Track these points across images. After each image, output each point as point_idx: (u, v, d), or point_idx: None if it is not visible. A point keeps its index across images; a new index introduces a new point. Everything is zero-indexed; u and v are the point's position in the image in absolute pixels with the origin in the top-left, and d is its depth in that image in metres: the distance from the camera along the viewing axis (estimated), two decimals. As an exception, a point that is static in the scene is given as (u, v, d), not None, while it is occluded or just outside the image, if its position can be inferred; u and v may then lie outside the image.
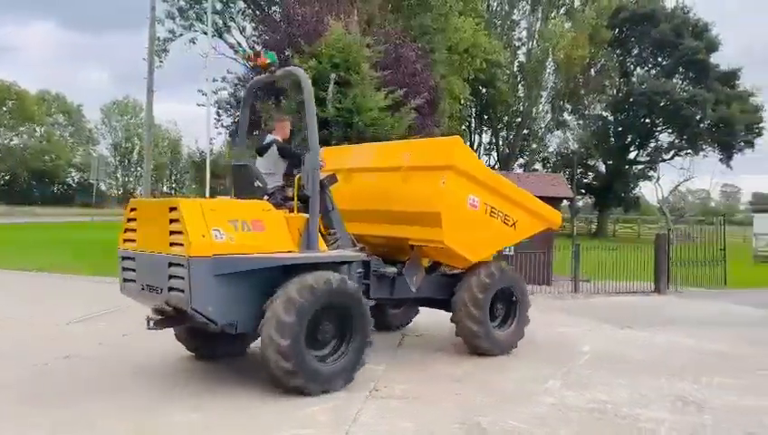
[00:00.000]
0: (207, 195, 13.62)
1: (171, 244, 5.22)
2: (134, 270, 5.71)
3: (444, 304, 7.11)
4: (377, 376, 6.02)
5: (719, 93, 35.64)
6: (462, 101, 26.13)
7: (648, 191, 76.21)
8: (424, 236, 6.65)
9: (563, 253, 13.95)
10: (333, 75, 14.16)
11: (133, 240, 5.77)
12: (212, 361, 6.34)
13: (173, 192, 69.49)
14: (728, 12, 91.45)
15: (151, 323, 5.57)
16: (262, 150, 6.52)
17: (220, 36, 21.77)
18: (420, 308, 8.12)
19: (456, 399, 5.42)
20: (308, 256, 5.64)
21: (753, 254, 27.53)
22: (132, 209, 5.92)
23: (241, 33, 21.41)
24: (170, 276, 5.21)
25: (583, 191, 43.25)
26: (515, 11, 36.98)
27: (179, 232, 5.14)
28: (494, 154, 42.71)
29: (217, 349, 6.36)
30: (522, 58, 37.78)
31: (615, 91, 40.10)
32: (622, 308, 10.87)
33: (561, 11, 36.93)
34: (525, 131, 40.31)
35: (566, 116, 41.59)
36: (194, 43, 23.50)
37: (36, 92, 70.84)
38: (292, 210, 5.89)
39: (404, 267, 6.82)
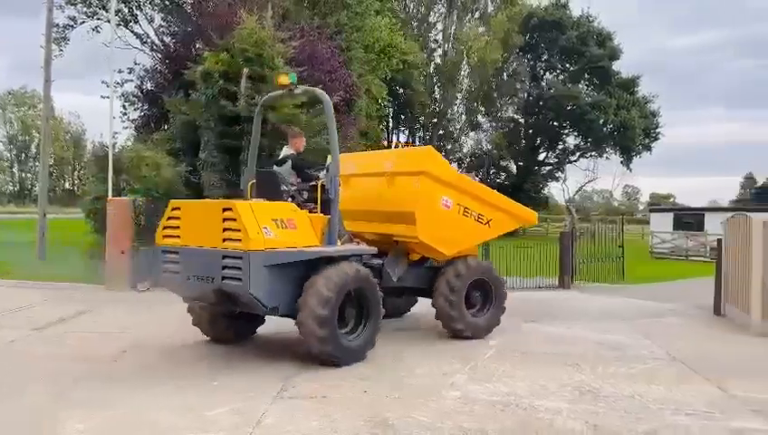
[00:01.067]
0: (110, 193, 12.92)
1: (224, 239, 5.98)
2: (178, 263, 6.36)
3: (426, 292, 7.95)
4: (286, 376, 5.95)
5: (620, 99, 37.77)
6: (379, 101, 26.25)
7: (556, 191, 79.60)
8: (403, 232, 7.54)
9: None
10: (246, 70, 13.83)
11: (177, 236, 6.43)
12: (225, 344, 7.18)
13: (76, 189, 65.68)
14: (628, 23, 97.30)
15: (195, 305, 6.96)
16: (280, 162, 7.51)
17: (126, 26, 20.73)
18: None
19: (365, 396, 5.42)
20: (337, 249, 6.61)
21: (650, 250, 29.40)
22: (175, 208, 6.58)
23: (149, 23, 20.48)
24: (224, 267, 5.92)
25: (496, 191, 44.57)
26: (431, 13, 37.61)
27: (237, 229, 5.91)
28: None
29: (233, 333, 7.28)
30: (438, 60, 38.48)
31: (526, 95, 41.62)
32: (529, 303, 11.25)
33: (476, 15, 37.93)
34: (441, 132, 41.08)
35: (480, 118, 42.75)
36: (98, 31, 22.26)
37: None
38: (310, 211, 6.76)
39: (386, 260, 7.63)
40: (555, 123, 40.93)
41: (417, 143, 42.63)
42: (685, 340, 8.21)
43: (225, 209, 6.09)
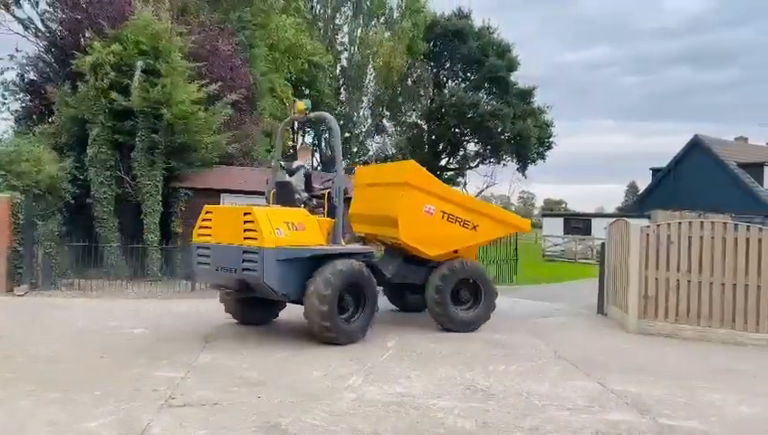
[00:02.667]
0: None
1: (245, 238, 7.24)
2: (209, 256, 7.74)
3: (421, 288, 8.91)
4: (175, 384, 5.68)
5: (517, 109, 39.43)
6: (284, 101, 25.85)
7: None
8: (391, 234, 8.61)
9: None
10: (140, 63, 13.21)
11: (209, 235, 7.77)
12: (251, 325, 8.55)
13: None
14: (526, 37, 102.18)
15: (223, 295, 8.39)
16: (292, 172, 8.84)
17: (7, 9, 19.10)
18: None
19: (258, 402, 5.27)
20: (336, 248, 7.77)
21: (542, 253, 30.94)
22: (207, 212, 7.97)
23: (33, 7, 18.96)
24: (244, 260, 7.22)
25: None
26: (338, 15, 37.59)
27: (254, 230, 7.15)
28: (318, 155, 43.07)
29: (256, 317, 8.64)
30: (344, 62, 38.51)
31: (429, 102, 42.54)
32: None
33: (381, 20, 38.29)
34: (347, 135, 41.14)
35: (385, 122, 43.22)
36: (-26, 13, 20.33)
37: None
38: (320, 216, 8.10)
39: (380, 258, 8.97)
40: (457, 130, 42.09)
41: (323, 145, 42.51)
42: (570, 338, 8.67)
43: (245, 214, 7.34)
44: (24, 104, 16.44)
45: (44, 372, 6.00)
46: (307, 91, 34.51)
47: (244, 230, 7.27)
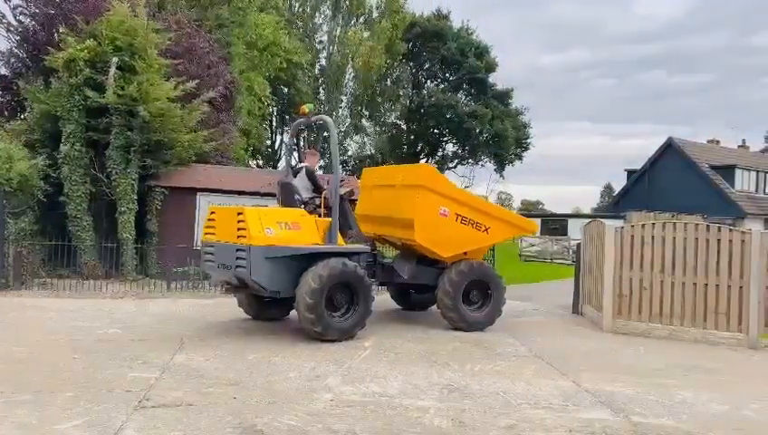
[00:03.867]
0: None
1: (238, 236, 7.54)
2: (213, 254, 8.09)
3: (431, 288, 9.09)
4: (149, 384, 5.61)
5: (495, 110, 39.72)
6: (262, 99, 25.70)
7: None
8: (406, 235, 8.74)
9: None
10: (115, 59, 13.04)
11: (213, 234, 8.15)
12: (264, 321, 8.93)
13: None
14: (503, 39, 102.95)
15: (224, 290, 8.78)
16: (296, 172, 8.99)
17: (-22, 3, 18.72)
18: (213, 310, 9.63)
19: (233, 402, 5.23)
20: (323, 247, 7.84)
21: (519, 253, 31.19)
22: (212, 213, 8.41)
23: (5, 1, 18.60)
24: (237, 258, 7.53)
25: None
26: (317, 14, 37.47)
27: (244, 229, 7.44)
28: (296, 154, 42.88)
29: (268, 313, 9.01)
30: (323, 62, 38.40)
31: (408, 102, 42.64)
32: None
33: (361, 20, 38.27)
34: (326, 134, 41.04)
35: (364, 122, 43.20)
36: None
37: None
38: (320, 216, 8.24)
39: (395, 259, 9.33)
40: (436, 130, 42.26)
41: (302, 144, 42.33)
42: (546, 338, 8.76)
43: (238, 214, 7.64)
44: (-3, 99, 16.09)
45: (15, 374, 5.87)
46: (286, 90, 34.41)
47: (238, 229, 7.59)
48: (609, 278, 9.19)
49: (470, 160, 43.31)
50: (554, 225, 34.49)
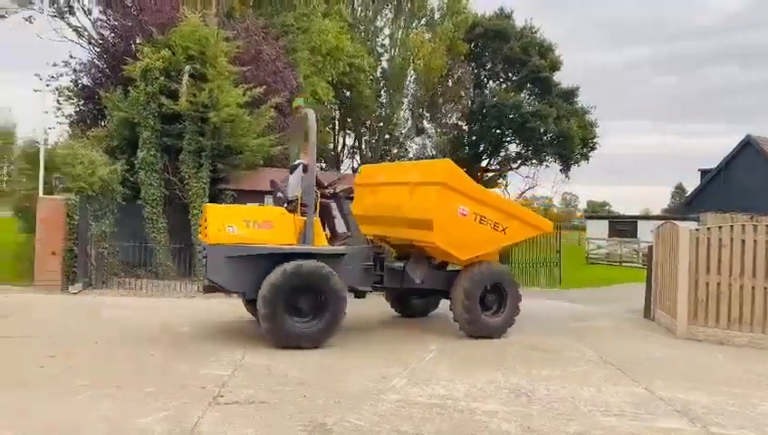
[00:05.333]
0: (41, 191, 12.38)
1: (203, 235, 7.55)
2: (202, 253, 7.80)
3: (447, 294, 8.62)
4: (222, 382, 5.82)
5: (560, 109, 38.84)
6: (325, 103, 26.09)
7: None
8: (422, 237, 8.15)
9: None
10: (188, 68, 13.55)
11: (205, 235, 7.62)
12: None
13: (3, 185, 62.47)
14: (565, 36, 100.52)
15: (203, 290, 8.36)
16: (293, 169, 8.46)
17: (62, 17, 19.85)
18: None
19: (302, 401, 5.36)
20: (281, 247, 7.36)
21: (586, 256, 30.37)
22: (204, 212, 7.95)
23: (86, 15, 19.66)
24: (202, 257, 7.55)
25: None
26: (379, 18, 37.72)
27: (206, 227, 7.39)
28: (358, 157, 43.30)
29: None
30: (385, 64, 38.63)
31: (470, 102, 42.27)
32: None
33: (422, 21, 38.26)
34: (387, 136, 41.24)
35: (425, 123, 43.14)
36: (30, 22, 21.20)
37: None
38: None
39: (407, 263, 8.56)
40: (498, 131, 41.70)
41: (364, 147, 42.70)
42: (615, 343, 8.51)
43: (204, 212, 7.73)
44: (77, 109, 17.03)
45: (98, 369, 6.22)
46: (348, 94, 34.80)
47: (204, 228, 7.58)
48: (683, 282, 8.83)
49: (534, 161, 42.51)
50: (623, 227, 33.31)
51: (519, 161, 43.43)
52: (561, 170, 42.67)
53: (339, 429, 4.70)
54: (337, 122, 40.19)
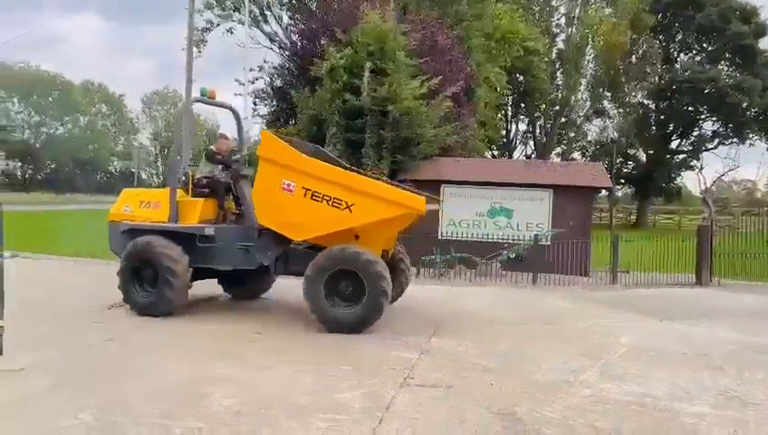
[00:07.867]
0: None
1: None
2: None
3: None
4: (411, 364, 6.03)
5: (767, 80, 34.37)
6: (498, 90, 25.74)
7: (690, 181, 73.95)
8: (257, 217, 7.68)
9: (602, 244, 13.71)
10: (369, 64, 14.15)
11: None
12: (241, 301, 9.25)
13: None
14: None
15: None
16: (206, 156, 8.93)
17: (257, 26, 21.91)
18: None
19: (490, 389, 5.38)
20: (140, 224, 8.20)
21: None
22: None
23: (278, 22, 21.49)
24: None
25: (623, 181, 42.38)
26: (554, -4, 36.23)
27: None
28: (531, 143, 42.13)
29: (242, 292, 9.36)
30: (560, 45, 37.03)
31: (657, 79, 38.98)
32: (661, 300, 10.64)
33: (602, -4, 36.02)
34: (563, 120, 39.58)
35: (605, 104, 40.66)
36: (231, 32, 23.71)
37: (80, 83, 72.62)
38: (219, 197, 8.41)
39: (255, 244, 7.97)
40: (690, 108, 37.98)
41: (538, 132, 41.44)
42: None
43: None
44: (272, 109, 18.68)
45: (300, 349, 6.76)
46: (521, 78, 33.95)
47: None
48: None
49: (735, 140, 38.11)
50: None
51: (716, 141, 39.20)
52: (768, 150, 37.77)
53: (530, 419, 4.65)
54: (509, 109, 39.45)
